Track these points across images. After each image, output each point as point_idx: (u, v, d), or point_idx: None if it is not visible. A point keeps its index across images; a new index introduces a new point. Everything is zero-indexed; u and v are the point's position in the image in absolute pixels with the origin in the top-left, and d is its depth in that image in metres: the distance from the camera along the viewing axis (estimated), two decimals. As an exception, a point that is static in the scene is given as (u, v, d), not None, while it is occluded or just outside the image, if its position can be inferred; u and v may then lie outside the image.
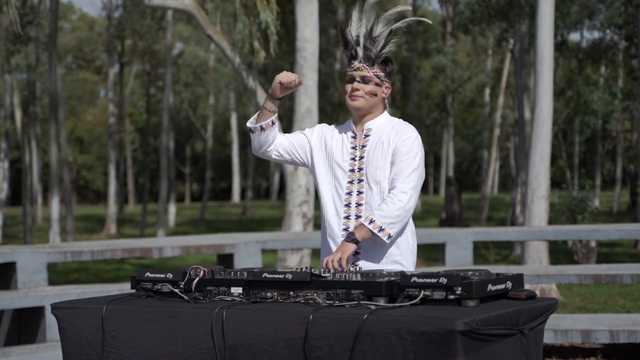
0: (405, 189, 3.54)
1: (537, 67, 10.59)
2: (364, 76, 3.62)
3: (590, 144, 34.91)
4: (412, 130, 3.66)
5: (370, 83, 3.62)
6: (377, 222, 3.51)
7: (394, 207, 3.51)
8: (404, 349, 2.79)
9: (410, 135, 3.62)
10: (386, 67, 3.65)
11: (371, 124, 3.70)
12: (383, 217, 3.51)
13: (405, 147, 3.59)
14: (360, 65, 3.62)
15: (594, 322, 6.49)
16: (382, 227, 3.51)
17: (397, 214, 3.51)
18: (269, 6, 11.07)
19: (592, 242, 12.83)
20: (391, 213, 3.51)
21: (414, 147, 3.60)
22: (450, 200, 19.59)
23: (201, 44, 36.57)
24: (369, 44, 3.62)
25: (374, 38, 3.63)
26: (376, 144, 3.65)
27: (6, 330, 6.62)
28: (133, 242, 7.84)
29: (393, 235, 3.54)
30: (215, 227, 26.76)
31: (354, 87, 3.63)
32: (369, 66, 3.62)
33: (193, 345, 3.14)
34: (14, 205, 39.53)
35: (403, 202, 3.52)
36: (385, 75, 3.65)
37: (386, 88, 3.67)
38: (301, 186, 11.18)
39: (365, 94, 3.63)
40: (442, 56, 24.54)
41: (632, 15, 17.44)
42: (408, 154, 3.59)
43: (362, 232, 3.53)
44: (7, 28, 21.17)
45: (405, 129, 3.65)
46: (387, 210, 3.52)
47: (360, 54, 3.63)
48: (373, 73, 3.62)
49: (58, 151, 18.29)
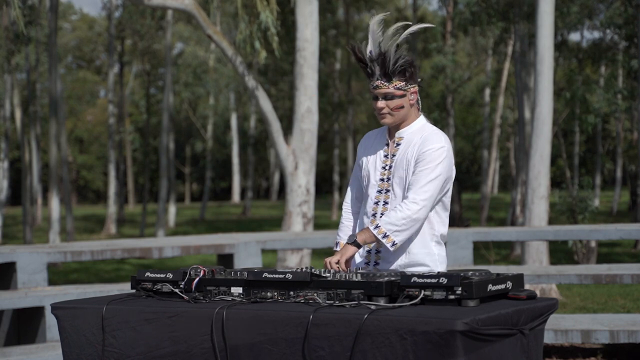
0: (417, 199, 3.49)
1: (537, 67, 10.59)
2: (386, 93, 3.58)
3: (590, 144, 34.90)
4: (439, 140, 3.58)
5: (395, 98, 3.59)
6: (383, 228, 3.49)
7: (400, 215, 3.48)
8: (404, 349, 2.79)
9: (434, 145, 3.56)
10: (406, 74, 3.59)
11: (403, 132, 3.66)
12: (389, 223, 3.48)
13: (427, 157, 3.54)
14: (379, 82, 3.58)
15: (594, 322, 6.49)
16: (387, 233, 3.48)
17: (404, 222, 3.48)
18: (269, 7, 11.07)
19: (592, 242, 12.83)
20: (397, 221, 3.48)
21: (435, 158, 3.54)
22: (451, 201, 19.53)
23: (201, 44, 36.59)
24: (381, 60, 3.59)
25: (384, 53, 3.59)
26: (404, 154, 3.62)
27: (6, 330, 6.62)
28: (133, 242, 7.83)
29: (398, 243, 3.50)
30: (215, 227, 26.76)
31: (379, 106, 3.60)
32: (387, 82, 3.57)
33: (193, 345, 3.14)
34: (14, 205, 39.55)
35: (411, 212, 3.48)
36: (407, 83, 3.59)
37: (412, 94, 3.62)
38: (301, 186, 11.17)
39: (392, 110, 3.60)
40: (442, 56, 24.50)
41: (632, 15, 17.43)
42: (428, 164, 3.53)
43: (364, 235, 3.52)
44: (6, 28, 21.17)
45: (433, 138, 3.58)
46: (394, 217, 3.49)
47: (376, 71, 3.59)
48: (393, 87, 3.57)
49: (58, 151, 18.29)
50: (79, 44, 47.19)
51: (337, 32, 29.20)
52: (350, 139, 32.76)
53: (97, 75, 48.18)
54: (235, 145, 38.49)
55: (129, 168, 40.60)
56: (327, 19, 26.95)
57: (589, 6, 20.21)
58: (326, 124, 33.58)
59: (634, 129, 26.94)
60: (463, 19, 18.62)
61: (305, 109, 11.22)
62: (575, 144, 27.36)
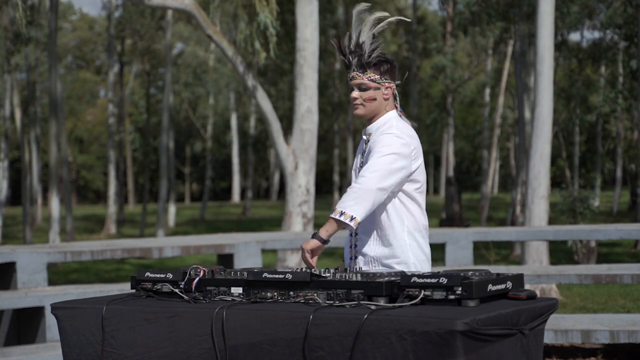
0: (364, 174, 3.48)
1: (537, 67, 10.59)
2: (360, 84, 3.63)
3: (590, 144, 34.90)
4: (394, 132, 3.57)
5: (368, 89, 3.63)
6: (338, 208, 3.48)
7: (350, 192, 3.47)
8: (404, 349, 2.79)
9: (387, 133, 3.56)
10: (381, 68, 3.63)
11: (371, 127, 3.70)
12: (342, 202, 3.48)
13: (376, 145, 3.55)
14: (354, 73, 3.64)
15: (594, 322, 6.49)
16: (343, 210, 3.45)
17: (355, 195, 3.45)
18: (268, 7, 11.07)
19: (592, 242, 12.83)
20: (348, 196, 3.47)
21: (384, 144, 3.53)
22: (450, 200, 19.59)
23: (201, 44, 36.60)
24: (358, 51, 3.64)
25: (360, 45, 3.64)
26: (369, 150, 3.64)
27: (6, 330, 6.62)
28: (133, 242, 7.84)
29: (357, 216, 3.44)
30: (215, 227, 26.76)
31: (353, 96, 3.66)
32: (362, 73, 3.62)
33: (193, 345, 3.14)
34: (14, 205, 39.56)
35: (359, 184, 3.46)
36: (381, 77, 3.63)
37: (386, 88, 3.65)
38: (301, 186, 11.17)
39: (365, 101, 3.64)
40: (442, 56, 24.52)
41: (632, 15, 17.43)
42: (376, 147, 3.54)
43: (326, 225, 3.51)
44: (6, 28, 21.17)
45: (388, 131, 3.59)
46: (345, 196, 3.49)
47: (353, 62, 3.65)
48: (367, 78, 3.62)
49: (58, 151, 18.30)
50: (79, 44, 47.22)
51: (337, 32, 29.21)
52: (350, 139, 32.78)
53: (97, 75, 48.20)
54: (235, 145, 38.50)
55: (129, 168, 40.60)
56: (327, 19, 26.96)
57: (589, 6, 20.23)
58: (326, 124, 33.62)
59: (634, 129, 26.95)
60: (463, 19, 18.62)
61: (305, 109, 11.22)
62: (575, 144, 27.38)
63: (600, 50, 21.61)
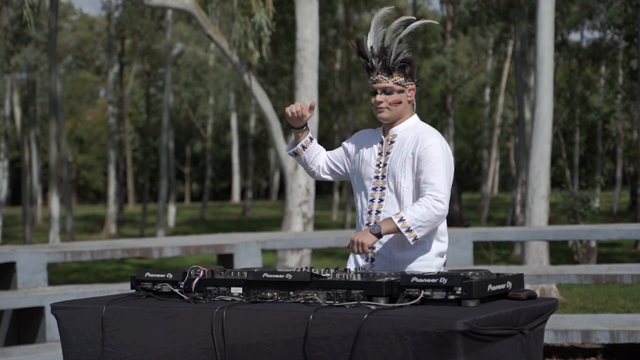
0: (440, 197, 3.52)
1: (537, 67, 10.58)
2: (385, 87, 3.63)
3: (591, 144, 34.89)
4: (434, 136, 3.63)
5: (393, 93, 3.64)
6: (407, 222, 3.49)
7: (427, 212, 3.50)
8: (404, 349, 2.79)
9: (432, 141, 3.60)
10: (405, 70, 3.65)
11: (396, 129, 3.71)
12: (415, 218, 3.49)
13: (429, 155, 3.57)
14: (379, 77, 3.64)
15: (594, 322, 6.49)
16: (411, 228, 3.49)
17: (429, 219, 3.50)
18: (264, 7, 11.06)
19: (592, 242, 12.83)
20: (423, 217, 3.49)
21: (437, 153, 3.58)
22: (451, 200, 19.52)
23: (201, 44, 36.58)
24: (383, 54, 3.64)
25: (385, 49, 3.64)
26: (398, 151, 3.66)
27: (6, 330, 6.62)
28: (133, 242, 7.84)
29: (419, 238, 3.53)
30: (215, 227, 26.76)
31: (377, 99, 3.65)
32: (387, 76, 3.63)
33: (193, 345, 3.14)
34: (14, 205, 39.55)
35: (437, 210, 3.51)
36: (406, 79, 3.65)
37: (410, 91, 3.68)
38: (301, 186, 11.17)
39: (390, 105, 3.65)
40: (442, 56, 24.51)
41: (632, 15, 17.43)
42: (433, 160, 3.57)
43: (388, 227, 3.52)
44: (6, 28, 21.17)
45: (427, 136, 3.63)
46: (420, 213, 3.50)
47: (377, 66, 3.64)
48: (392, 82, 3.63)
49: (58, 151, 18.29)
50: (79, 44, 47.19)
51: (337, 32, 29.21)
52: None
53: (97, 75, 48.17)
54: (235, 145, 38.48)
55: (129, 168, 40.60)
56: (327, 19, 26.93)
57: (589, 6, 20.21)
58: (326, 124, 33.59)
59: (634, 129, 26.94)
60: (463, 18, 18.62)
61: (305, 109, 11.19)
62: (575, 144, 27.37)
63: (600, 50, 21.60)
